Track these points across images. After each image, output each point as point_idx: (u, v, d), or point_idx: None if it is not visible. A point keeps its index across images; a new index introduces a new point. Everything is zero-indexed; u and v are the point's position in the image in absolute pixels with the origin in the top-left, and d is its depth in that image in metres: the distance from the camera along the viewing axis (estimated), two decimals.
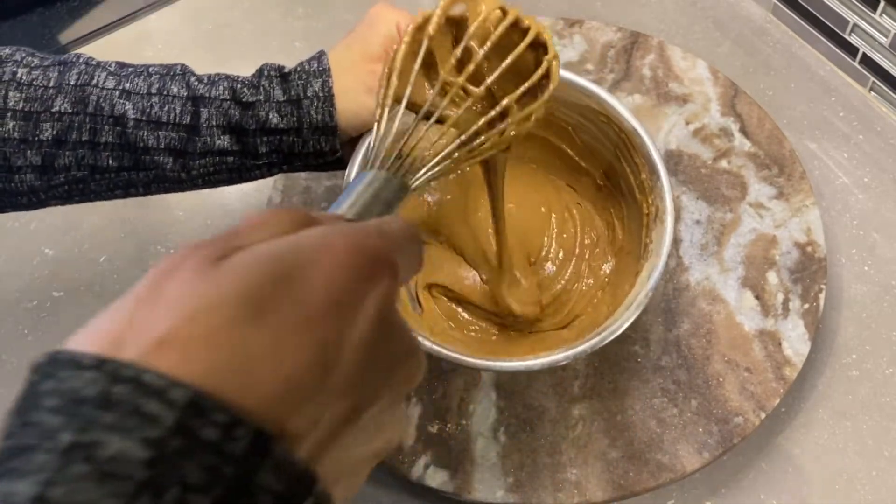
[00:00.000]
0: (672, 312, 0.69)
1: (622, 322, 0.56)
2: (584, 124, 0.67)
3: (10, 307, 0.75)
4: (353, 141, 0.62)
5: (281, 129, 0.59)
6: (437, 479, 0.64)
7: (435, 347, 0.56)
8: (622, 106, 0.63)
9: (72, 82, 0.58)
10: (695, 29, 0.86)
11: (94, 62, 0.60)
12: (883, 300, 0.71)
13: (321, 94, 0.59)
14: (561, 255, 0.70)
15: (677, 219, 0.73)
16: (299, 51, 0.87)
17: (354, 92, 0.60)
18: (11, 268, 0.77)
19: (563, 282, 0.69)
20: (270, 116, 0.59)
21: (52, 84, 0.58)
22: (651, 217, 0.62)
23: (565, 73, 0.61)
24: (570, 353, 0.56)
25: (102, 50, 0.89)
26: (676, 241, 0.72)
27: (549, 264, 0.70)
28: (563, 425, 0.65)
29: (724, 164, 0.75)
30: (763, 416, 0.64)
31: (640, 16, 0.87)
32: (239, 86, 0.60)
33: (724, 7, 0.88)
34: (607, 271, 0.68)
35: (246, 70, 0.87)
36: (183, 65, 0.61)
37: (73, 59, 0.60)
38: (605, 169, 0.69)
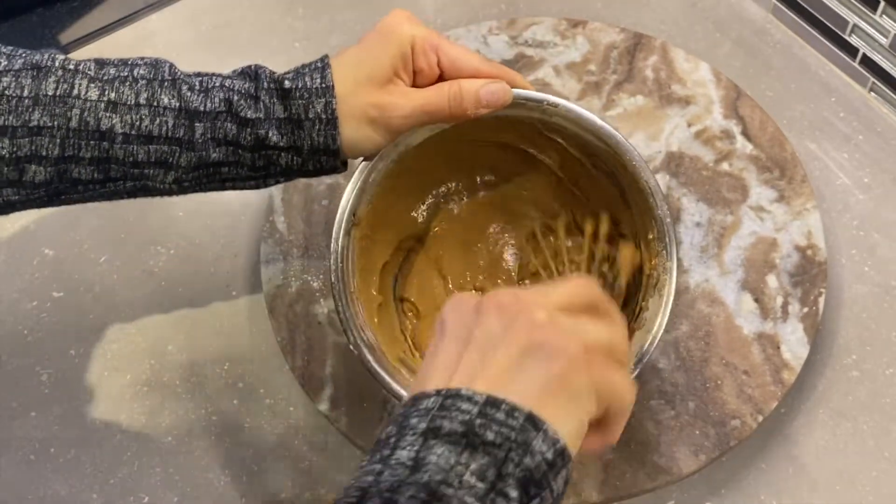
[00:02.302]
0: (671, 314, 0.69)
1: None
2: (603, 167, 0.66)
3: (10, 307, 0.75)
4: None
5: (280, 147, 0.56)
6: None
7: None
8: (644, 162, 0.62)
9: (49, 92, 0.53)
10: (695, 30, 0.86)
11: (70, 66, 0.55)
12: (883, 301, 0.71)
13: (324, 117, 0.56)
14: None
15: (677, 220, 0.73)
16: (299, 51, 0.87)
17: (356, 120, 0.56)
18: (11, 268, 0.77)
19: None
20: (270, 134, 0.56)
21: (26, 94, 0.53)
22: (651, 282, 0.61)
23: (585, 113, 0.63)
24: None
25: (102, 50, 0.89)
26: (676, 244, 0.71)
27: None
28: None
29: (725, 166, 0.75)
30: (760, 419, 0.64)
31: (641, 16, 0.87)
32: (236, 97, 0.56)
33: (725, 8, 0.88)
34: None
35: None
36: (170, 65, 0.57)
37: (48, 63, 0.54)
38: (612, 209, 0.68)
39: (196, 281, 0.75)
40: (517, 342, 0.43)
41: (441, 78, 0.59)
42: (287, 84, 0.56)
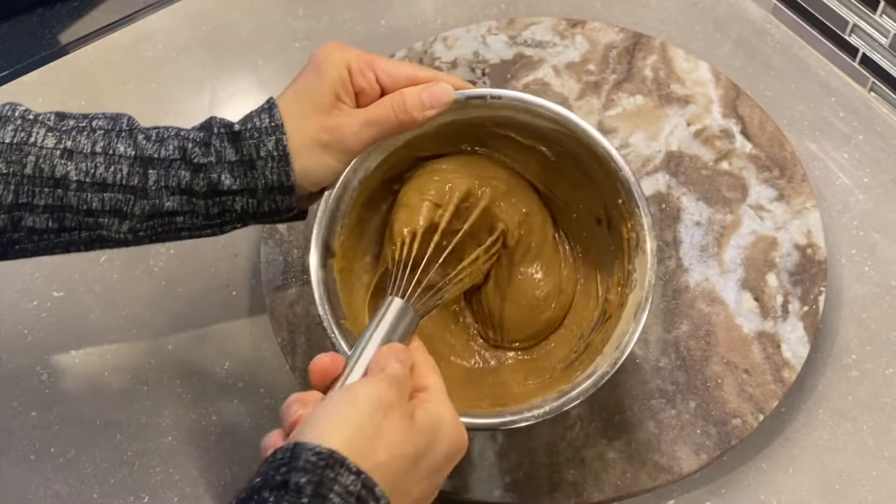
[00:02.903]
0: (671, 313, 0.69)
1: (614, 361, 0.57)
2: (558, 149, 0.66)
3: (10, 307, 0.75)
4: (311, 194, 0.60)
5: (234, 190, 0.56)
6: None
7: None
8: (595, 131, 0.62)
9: (7, 140, 0.54)
10: (695, 30, 0.86)
11: (30, 116, 0.56)
12: (883, 300, 0.71)
13: (275, 154, 0.56)
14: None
15: (677, 219, 0.73)
16: (299, 51, 0.87)
17: (308, 149, 0.56)
18: (11, 268, 0.77)
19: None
20: (223, 178, 0.56)
21: None
22: (632, 244, 0.61)
23: (535, 100, 0.63)
24: (564, 399, 0.57)
25: (102, 50, 0.89)
26: (676, 243, 0.72)
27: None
28: (561, 425, 0.65)
29: (724, 165, 0.75)
30: (761, 418, 0.64)
31: (641, 16, 0.87)
32: (190, 145, 0.56)
33: (725, 8, 0.88)
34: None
35: (245, 71, 0.87)
36: (129, 118, 0.58)
37: (8, 113, 0.56)
38: (576, 194, 0.68)
39: (196, 281, 0.75)
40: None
41: (383, 94, 0.59)
42: (237, 127, 0.57)
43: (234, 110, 0.85)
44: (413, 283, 0.56)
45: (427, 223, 0.63)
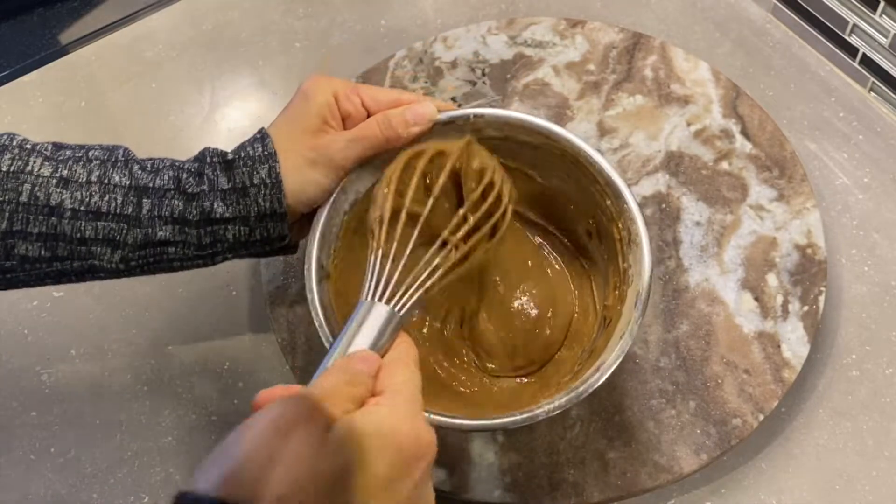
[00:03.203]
0: (671, 313, 0.69)
1: (617, 354, 0.56)
2: (545, 169, 0.66)
3: (10, 307, 0.75)
4: (301, 220, 0.60)
5: (226, 218, 0.57)
6: (434, 477, 0.63)
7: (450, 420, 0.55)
8: (578, 138, 0.62)
9: (3, 168, 0.55)
10: (695, 29, 0.86)
11: (28, 145, 0.57)
12: (883, 300, 0.71)
13: (268, 181, 0.57)
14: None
15: (677, 219, 0.73)
16: (299, 51, 0.88)
17: (298, 169, 0.58)
18: None
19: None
20: (215, 206, 0.57)
21: None
22: (624, 242, 0.61)
23: (512, 114, 0.63)
24: (573, 394, 0.55)
25: (102, 50, 0.89)
26: (676, 243, 0.72)
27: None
28: (561, 425, 0.65)
29: (724, 165, 0.75)
30: (761, 418, 0.64)
31: (641, 16, 0.87)
32: (185, 175, 0.57)
33: (725, 8, 0.88)
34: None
35: (245, 71, 0.87)
36: (125, 149, 0.59)
37: (6, 142, 0.57)
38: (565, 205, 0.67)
39: (196, 281, 0.75)
40: None
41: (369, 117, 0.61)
42: (230, 156, 0.58)
43: (234, 110, 0.86)
44: (389, 278, 0.53)
45: (395, 206, 0.58)
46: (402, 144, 0.61)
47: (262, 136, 0.59)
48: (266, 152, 0.58)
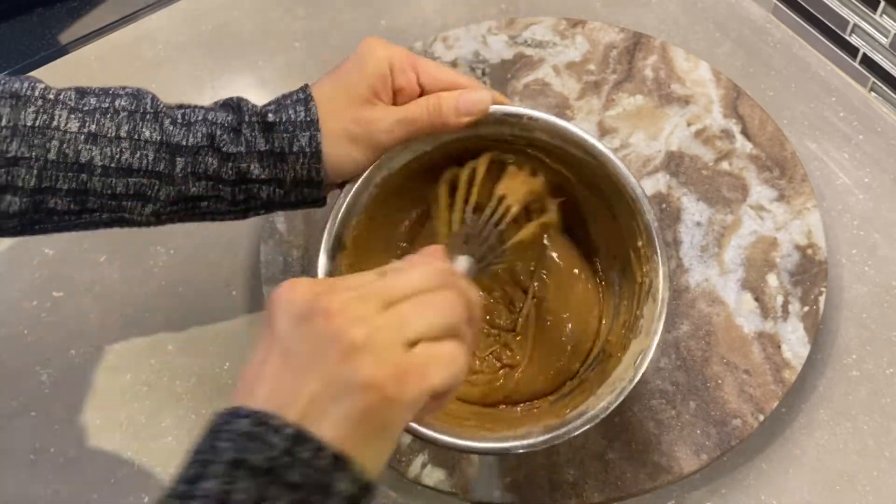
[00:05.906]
0: (671, 314, 0.69)
1: (603, 407, 0.55)
2: (584, 179, 0.65)
3: (10, 307, 0.75)
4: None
5: (262, 179, 0.56)
6: (434, 477, 0.64)
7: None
8: (626, 169, 0.60)
9: (28, 123, 0.53)
10: (696, 29, 0.86)
11: (51, 95, 0.54)
12: (883, 301, 0.71)
13: (308, 151, 0.55)
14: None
15: (677, 220, 0.73)
16: (299, 51, 0.88)
17: (338, 140, 0.56)
18: (11, 268, 0.77)
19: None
20: (252, 168, 0.56)
21: (4, 123, 0.53)
22: (644, 289, 0.60)
23: (571, 128, 0.61)
24: (552, 434, 0.55)
25: (102, 50, 0.89)
26: (676, 243, 0.72)
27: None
28: None
29: (725, 165, 0.75)
30: (761, 418, 0.64)
31: (641, 16, 0.87)
32: (219, 131, 0.55)
33: (725, 7, 0.88)
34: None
35: (245, 71, 0.87)
36: (152, 96, 0.57)
37: (27, 91, 0.54)
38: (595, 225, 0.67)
39: (196, 281, 0.75)
40: (328, 373, 0.41)
41: (422, 95, 0.59)
42: (270, 118, 0.56)
43: None
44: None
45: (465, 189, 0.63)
46: (448, 132, 0.59)
47: (305, 98, 0.56)
48: (309, 118, 0.55)
